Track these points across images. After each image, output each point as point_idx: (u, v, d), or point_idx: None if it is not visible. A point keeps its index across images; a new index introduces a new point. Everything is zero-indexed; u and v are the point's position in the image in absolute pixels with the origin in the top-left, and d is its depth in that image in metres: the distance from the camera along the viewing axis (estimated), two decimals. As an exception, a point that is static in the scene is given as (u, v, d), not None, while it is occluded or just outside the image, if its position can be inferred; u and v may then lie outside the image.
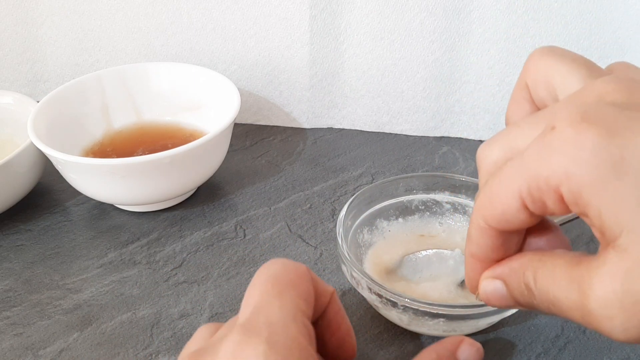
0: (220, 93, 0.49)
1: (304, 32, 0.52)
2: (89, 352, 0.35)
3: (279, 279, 0.24)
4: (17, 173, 0.44)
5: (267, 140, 0.55)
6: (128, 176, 0.41)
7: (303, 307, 0.23)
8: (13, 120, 0.50)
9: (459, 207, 0.40)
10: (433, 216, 0.41)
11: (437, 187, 0.40)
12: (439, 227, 0.40)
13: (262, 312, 0.23)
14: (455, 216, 0.40)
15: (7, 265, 0.42)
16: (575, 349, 0.34)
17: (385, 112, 0.55)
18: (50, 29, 0.56)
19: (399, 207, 0.40)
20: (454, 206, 0.40)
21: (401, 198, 0.40)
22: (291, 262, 0.25)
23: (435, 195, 0.40)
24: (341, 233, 0.35)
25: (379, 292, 0.32)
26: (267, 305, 0.23)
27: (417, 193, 0.40)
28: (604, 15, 0.47)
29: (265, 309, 0.23)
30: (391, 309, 0.32)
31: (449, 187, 0.40)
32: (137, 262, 0.42)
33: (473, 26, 0.49)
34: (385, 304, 0.32)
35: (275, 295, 0.23)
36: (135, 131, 0.51)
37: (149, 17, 0.54)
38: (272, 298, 0.23)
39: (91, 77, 0.50)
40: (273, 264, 0.25)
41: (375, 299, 0.32)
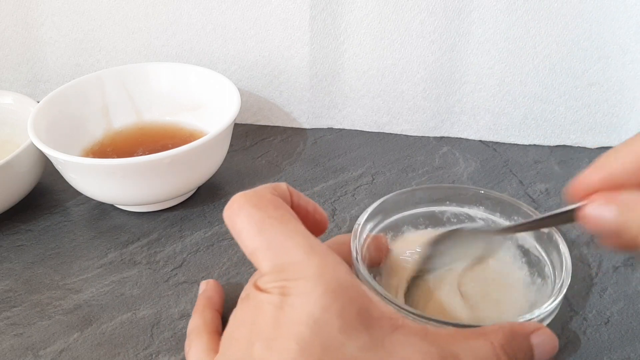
0: (220, 93, 0.49)
1: (304, 33, 0.52)
2: (89, 352, 0.35)
3: (264, 222, 0.25)
4: (17, 173, 0.44)
5: (267, 140, 0.55)
6: (128, 176, 0.41)
7: (303, 230, 0.26)
8: (13, 120, 0.50)
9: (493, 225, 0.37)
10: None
11: (471, 201, 0.37)
12: None
13: (282, 264, 0.24)
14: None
15: (7, 266, 0.42)
16: (575, 349, 0.34)
17: (385, 112, 0.55)
18: (50, 29, 0.56)
19: (429, 217, 0.38)
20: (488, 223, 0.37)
21: (432, 208, 0.38)
22: (257, 199, 0.26)
23: (469, 210, 0.37)
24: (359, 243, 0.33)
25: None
26: (276, 258, 0.25)
27: (450, 205, 0.37)
28: (604, 15, 0.47)
29: (278, 258, 0.25)
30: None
31: (484, 202, 0.37)
32: (137, 262, 0.42)
33: (473, 26, 0.49)
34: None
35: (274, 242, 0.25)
36: (136, 131, 0.51)
37: (149, 17, 0.54)
38: (275, 248, 0.25)
39: (91, 78, 0.50)
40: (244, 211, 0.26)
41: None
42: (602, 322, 0.36)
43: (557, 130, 0.53)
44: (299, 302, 0.23)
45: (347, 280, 0.24)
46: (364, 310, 0.23)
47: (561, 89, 0.51)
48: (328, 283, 0.23)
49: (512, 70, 0.50)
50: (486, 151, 0.53)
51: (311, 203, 0.30)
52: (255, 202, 0.26)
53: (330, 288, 0.23)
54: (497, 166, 0.51)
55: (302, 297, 0.23)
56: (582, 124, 0.52)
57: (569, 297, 0.38)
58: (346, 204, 0.46)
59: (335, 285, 0.23)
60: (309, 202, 0.30)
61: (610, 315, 0.36)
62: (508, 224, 0.36)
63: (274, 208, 0.26)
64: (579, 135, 0.53)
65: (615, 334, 0.35)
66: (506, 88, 0.51)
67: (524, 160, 0.52)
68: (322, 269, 0.24)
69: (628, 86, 0.49)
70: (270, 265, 0.25)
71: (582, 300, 0.37)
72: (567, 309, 0.37)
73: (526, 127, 0.53)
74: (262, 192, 0.27)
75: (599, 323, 0.36)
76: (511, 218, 0.36)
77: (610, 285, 0.39)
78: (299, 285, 0.23)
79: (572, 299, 0.38)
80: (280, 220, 0.26)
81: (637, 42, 0.47)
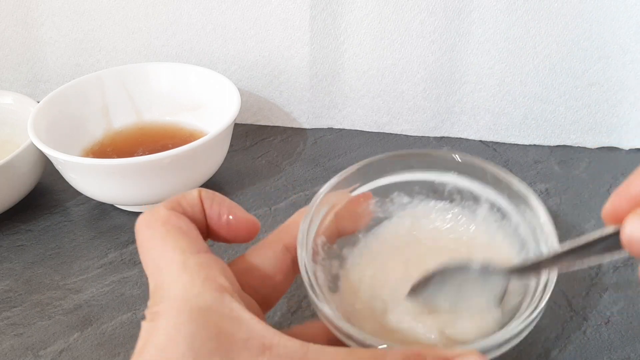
0: (220, 93, 0.49)
1: (304, 33, 0.52)
2: (90, 352, 0.35)
3: (149, 241, 0.25)
4: (18, 173, 0.44)
5: (267, 140, 0.55)
6: (128, 176, 0.41)
7: (184, 246, 0.24)
8: (13, 120, 0.50)
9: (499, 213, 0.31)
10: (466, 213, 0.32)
11: (479, 177, 0.31)
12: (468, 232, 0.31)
13: (156, 285, 0.24)
14: (491, 225, 0.31)
15: (8, 266, 0.42)
16: (575, 349, 0.34)
17: (385, 113, 0.55)
18: (50, 29, 0.56)
19: (428, 187, 0.32)
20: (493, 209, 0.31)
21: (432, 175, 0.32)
22: (150, 216, 0.26)
23: (474, 186, 0.31)
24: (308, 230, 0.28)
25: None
26: (155, 279, 0.24)
27: (454, 176, 0.31)
28: (604, 15, 0.47)
29: (155, 279, 0.24)
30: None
31: (492, 182, 0.31)
32: (137, 263, 0.42)
33: (473, 26, 0.49)
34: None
35: (154, 263, 0.24)
36: (136, 131, 0.51)
37: (149, 17, 0.54)
38: (153, 269, 0.24)
39: (91, 78, 0.50)
40: (139, 232, 0.26)
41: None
42: (602, 322, 0.36)
43: (557, 130, 0.53)
44: (159, 326, 0.22)
45: (209, 301, 0.22)
46: (222, 334, 0.21)
47: (561, 89, 0.51)
48: (185, 305, 0.22)
49: (512, 70, 0.50)
50: (486, 151, 0.53)
51: (229, 208, 0.28)
52: (147, 221, 0.26)
53: (186, 311, 0.22)
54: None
55: (162, 321, 0.22)
56: (582, 124, 0.52)
57: (568, 297, 0.38)
58: (346, 204, 0.46)
59: (192, 308, 0.22)
60: (230, 207, 0.28)
61: (610, 315, 0.36)
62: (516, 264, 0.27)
63: (161, 224, 0.25)
64: (579, 135, 0.53)
65: (615, 334, 0.35)
66: (506, 88, 0.51)
67: (524, 160, 0.52)
68: (186, 290, 0.22)
69: (628, 86, 0.49)
70: (151, 286, 0.24)
71: (582, 300, 0.37)
72: (567, 309, 0.37)
73: (526, 127, 0.53)
74: (157, 209, 0.26)
75: (599, 323, 0.36)
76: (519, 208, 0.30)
77: (610, 285, 0.39)
78: (163, 308, 0.22)
79: (572, 299, 0.37)
80: (162, 237, 0.25)
81: (637, 42, 0.47)
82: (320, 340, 0.25)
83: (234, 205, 0.28)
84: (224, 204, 0.28)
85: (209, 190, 0.28)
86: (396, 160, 0.32)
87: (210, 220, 0.27)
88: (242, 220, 0.28)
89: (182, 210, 0.27)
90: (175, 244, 0.24)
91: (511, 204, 0.30)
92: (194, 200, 0.27)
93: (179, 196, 0.27)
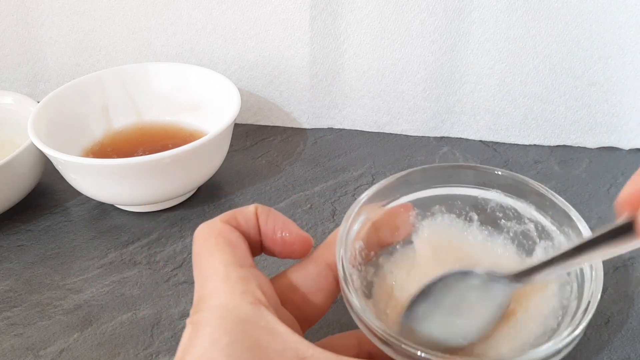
0: (220, 93, 0.49)
1: (304, 33, 0.52)
2: (90, 353, 0.35)
3: (200, 252, 0.26)
4: (18, 173, 0.44)
5: (268, 140, 0.55)
6: (128, 176, 0.41)
7: (230, 259, 0.25)
8: (13, 120, 0.50)
9: (544, 233, 0.30)
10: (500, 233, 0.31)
11: (520, 194, 0.31)
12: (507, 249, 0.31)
13: (200, 295, 0.24)
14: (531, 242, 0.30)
15: (8, 266, 0.42)
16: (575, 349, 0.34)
17: (385, 113, 0.55)
18: (50, 29, 0.56)
19: (470, 202, 0.31)
20: (539, 229, 0.30)
21: (474, 191, 0.31)
22: (206, 228, 0.27)
23: (518, 204, 0.31)
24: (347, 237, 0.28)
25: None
26: (200, 288, 0.25)
27: (497, 190, 0.31)
28: (604, 15, 0.47)
29: (200, 290, 0.25)
30: None
31: (536, 201, 0.30)
32: (137, 263, 0.42)
33: (473, 26, 0.49)
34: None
35: (202, 273, 0.25)
36: (136, 131, 0.51)
37: (149, 17, 0.54)
38: (200, 279, 0.25)
39: (91, 78, 0.50)
40: (195, 242, 0.27)
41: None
42: (602, 322, 0.36)
43: (557, 130, 0.53)
44: (199, 335, 0.22)
45: (246, 313, 0.23)
46: (258, 345, 0.22)
47: (561, 89, 0.51)
48: (223, 317, 0.23)
49: (512, 70, 0.50)
50: (486, 151, 0.53)
51: (283, 224, 0.28)
52: (202, 232, 0.27)
53: (224, 322, 0.22)
54: (497, 166, 0.51)
55: (202, 331, 0.22)
56: (582, 124, 0.52)
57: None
58: (346, 204, 0.46)
59: (230, 319, 0.22)
60: (284, 223, 0.28)
61: (610, 315, 0.36)
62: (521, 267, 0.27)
63: (213, 237, 0.26)
64: (579, 135, 0.53)
65: (615, 334, 0.35)
66: (506, 88, 0.51)
67: (524, 160, 0.52)
68: (226, 302, 0.23)
69: (628, 86, 0.49)
70: (195, 296, 0.25)
71: (582, 300, 0.37)
72: (567, 309, 0.37)
73: (526, 127, 0.53)
74: (213, 221, 0.27)
75: (599, 323, 0.36)
76: (563, 229, 0.30)
77: (610, 285, 0.39)
78: (203, 318, 0.23)
79: (572, 299, 0.37)
80: (211, 249, 0.26)
81: (637, 42, 0.47)
82: (350, 352, 0.26)
83: (289, 222, 0.28)
84: (279, 220, 0.28)
85: (265, 207, 0.28)
86: (439, 172, 0.32)
87: (264, 235, 0.28)
88: (296, 236, 0.28)
89: (237, 224, 0.27)
90: (222, 257, 0.25)
91: (554, 223, 0.30)
92: (249, 214, 0.28)
93: (236, 210, 0.28)
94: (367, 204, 0.30)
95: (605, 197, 0.47)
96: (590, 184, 0.48)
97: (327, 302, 0.28)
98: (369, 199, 0.30)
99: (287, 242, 0.28)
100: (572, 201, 0.46)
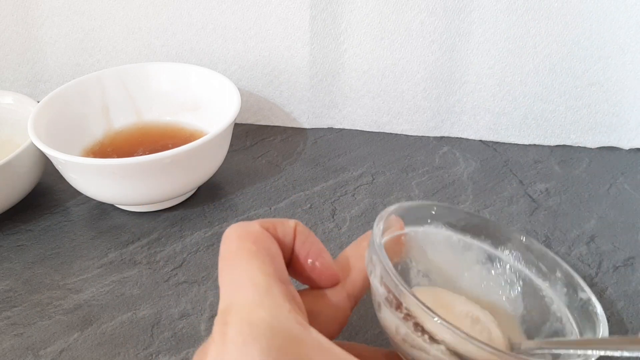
0: (220, 93, 0.49)
1: (304, 33, 0.52)
2: (90, 352, 0.35)
3: (234, 254, 0.24)
4: (18, 173, 0.44)
5: (268, 140, 0.55)
6: (128, 176, 0.41)
7: (270, 270, 0.23)
8: (13, 120, 0.50)
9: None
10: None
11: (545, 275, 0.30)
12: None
13: (231, 303, 0.22)
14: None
15: (8, 265, 0.42)
16: (575, 348, 0.34)
17: (385, 112, 0.55)
18: (50, 29, 0.56)
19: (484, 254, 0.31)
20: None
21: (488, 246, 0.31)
22: (243, 229, 0.24)
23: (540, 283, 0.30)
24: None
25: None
26: (232, 295, 0.22)
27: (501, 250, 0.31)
28: (604, 15, 0.47)
29: (231, 296, 0.22)
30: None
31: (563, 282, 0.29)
32: (137, 262, 0.42)
33: (473, 26, 0.49)
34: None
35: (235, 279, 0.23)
36: (136, 131, 0.51)
37: (149, 17, 0.54)
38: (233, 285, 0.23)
39: (91, 77, 0.50)
40: (227, 241, 0.24)
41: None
42: (602, 322, 0.36)
43: (557, 130, 0.53)
44: (236, 349, 0.20)
45: (297, 332, 0.21)
46: None
47: (561, 88, 0.51)
48: (270, 332, 0.20)
49: (512, 70, 0.50)
50: (486, 151, 0.53)
51: (318, 251, 0.27)
52: (238, 233, 0.25)
53: (270, 338, 0.20)
54: (497, 166, 0.51)
55: (240, 345, 0.20)
56: (582, 124, 0.52)
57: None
58: (346, 204, 0.46)
59: (281, 337, 0.20)
60: (319, 251, 0.26)
61: (610, 315, 0.36)
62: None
63: (252, 241, 0.24)
64: (579, 135, 0.53)
65: (615, 334, 0.35)
66: (506, 88, 0.51)
67: (524, 160, 0.52)
68: (273, 317, 0.21)
69: (628, 86, 0.49)
70: (223, 302, 0.23)
71: (582, 300, 0.37)
72: (567, 309, 0.37)
73: (526, 127, 0.53)
74: (251, 224, 0.25)
75: (599, 323, 0.36)
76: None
77: (610, 285, 0.39)
78: (243, 329, 0.21)
79: (572, 298, 0.37)
80: (249, 254, 0.23)
81: (637, 42, 0.47)
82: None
83: (324, 251, 0.27)
84: (315, 246, 0.27)
85: (306, 227, 0.27)
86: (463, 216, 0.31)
87: (296, 256, 0.26)
88: (327, 269, 0.27)
89: (275, 234, 0.26)
90: (261, 267, 0.23)
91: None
92: (289, 229, 0.26)
93: (276, 220, 0.26)
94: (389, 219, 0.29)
95: (605, 197, 0.47)
96: (590, 183, 0.48)
97: (338, 331, 0.27)
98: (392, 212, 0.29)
99: (316, 271, 0.26)
100: (572, 201, 0.47)
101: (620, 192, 0.48)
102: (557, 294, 0.29)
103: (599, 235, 0.43)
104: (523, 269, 0.30)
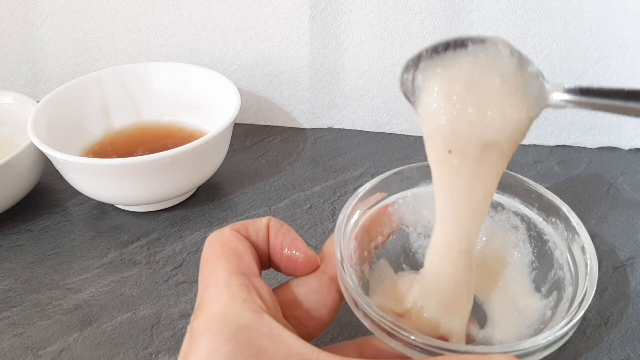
0: (220, 93, 0.49)
1: (304, 32, 0.52)
2: (89, 352, 0.35)
3: (205, 259, 0.26)
4: (17, 173, 0.44)
5: (267, 140, 0.55)
6: (128, 176, 0.41)
7: (233, 267, 0.25)
8: (13, 120, 0.50)
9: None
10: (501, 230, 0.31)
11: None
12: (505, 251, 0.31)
13: (201, 302, 0.24)
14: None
15: (7, 265, 0.42)
16: (575, 349, 0.34)
17: (385, 112, 0.55)
18: (50, 29, 0.56)
19: None
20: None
21: None
22: (214, 236, 0.27)
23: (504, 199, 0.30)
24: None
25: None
26: (201, 295, 0.25)
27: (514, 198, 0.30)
28: (604, 15, 0.47)
29: (201, 296, 0.25)
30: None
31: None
32: (137, 262, 0.42)
33: (473, 26, 0.49)
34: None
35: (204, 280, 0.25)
36: (135, 131, 0.51)
37: (149, 17, 0.54)
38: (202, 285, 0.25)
39: (91, 77, 0.50)
40: (204, 249, 0.27)
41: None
42: (602, 322, 0.36)
43: (557, 130, 0.53)
44: (199, 342, 0.22)
45: (248, 320, 0.23)
46: (262, 352, 0.22)
47: (561, 89, 0.51)
48: (224, 324, 0.22)
49: (512, 70, 0.50)
50: (486, 151, 0.53)
51: (292, 241, 0.28)
52: (210, 240, 0.27)
53: (225, 329, 0.22)
54: (497, 166, 0.51)
55: (203, 337, 0.22)
56: (582, 124, 0.52)
57: (568, 297, 0.38)
58: (346, 204, 0.46)
59: (231, 327, 0.22)
60: (293, 240, 0.28)
61: (610, 315, 0.36)
62: None
63: (220, 245, 0.26)
64: (579, 135, 0.53)
65: (615, 334, 0.35)
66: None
67: (524, 160, 0.52)
68: (227, 308, 0.23)
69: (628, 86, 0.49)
70: (197, 303, 0.25)
71: (582, 300, 0.37)
72: (567, 309, 0.37)
73: (526, 127, 0.53)
74: (223, 229, 0.27)
75: (599, 323, 0.36)
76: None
77: (610, 285, 0.39)
78: (205, 324, 0.23)
79: (572, 299, 0.37)
80: (216, 257, 0.26)
81: (637, 42, 0.47)
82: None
83: (298, 239, 0.28)
84: (288, 236, 0.28)
85: (278, 221, 0.28)
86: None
87: (272, 249, 0.28)
88: (303, 254, 0.28)
89: (247, 234, 0.27)
90: (225, 265, 0.25)
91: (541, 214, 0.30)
92: (261, 226, 0.28)
93: (249, 220, 0.28)
94: (359, 203, 0.30)
95: (605, 197, 0.47)
96: (590, 183, 0.48)
97: (329, 316, 0.28)
98: (360, 199, 0.30)
99: (293, 259, 0.28)
100: (572, 201, 0.47)
101: (620, 192, 0.48)
102: (559, 237, 0.29)
103: (599, 235, 0.43)
104: (526, 213, 0.30)
